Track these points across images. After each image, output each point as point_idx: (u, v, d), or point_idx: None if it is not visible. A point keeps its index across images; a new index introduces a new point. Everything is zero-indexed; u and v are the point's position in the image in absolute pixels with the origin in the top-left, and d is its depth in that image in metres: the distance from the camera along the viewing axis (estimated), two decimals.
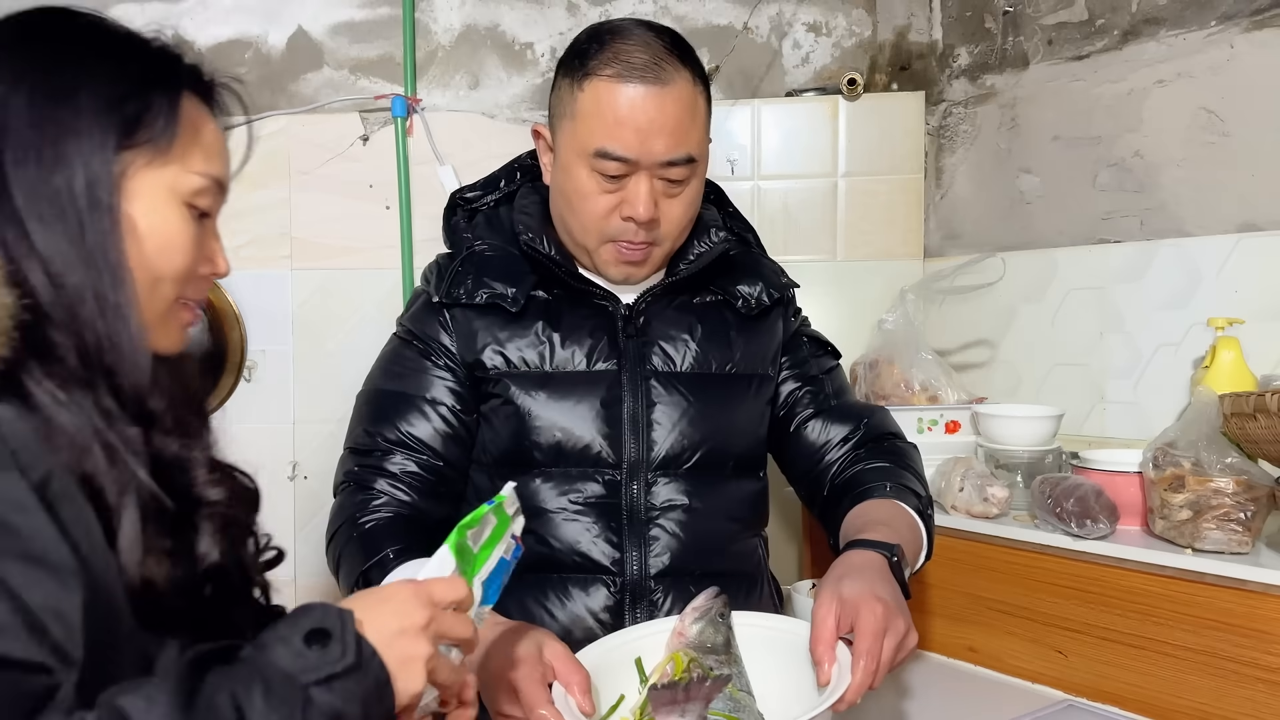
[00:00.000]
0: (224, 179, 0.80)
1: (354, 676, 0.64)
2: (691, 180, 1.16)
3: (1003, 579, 1.40)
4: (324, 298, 2.04)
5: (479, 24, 2.05)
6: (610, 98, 1.10)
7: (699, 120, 1.15)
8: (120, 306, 0.70)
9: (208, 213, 0.79)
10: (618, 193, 1.14)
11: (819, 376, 1.33)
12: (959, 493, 1.45)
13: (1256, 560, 1.17)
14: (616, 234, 1.16)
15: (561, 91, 1.16)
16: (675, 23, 2.07)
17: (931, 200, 2.03)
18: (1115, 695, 1.28)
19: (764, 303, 1.28)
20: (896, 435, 1.31)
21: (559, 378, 1.20)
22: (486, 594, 0.80)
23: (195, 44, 1.45)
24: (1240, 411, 1.19)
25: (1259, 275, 1.48)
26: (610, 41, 1.12)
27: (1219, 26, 1.55)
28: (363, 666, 0.64)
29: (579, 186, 1.14)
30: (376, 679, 0.65)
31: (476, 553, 0.80)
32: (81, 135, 0.71)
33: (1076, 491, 1.31)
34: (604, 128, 1.11)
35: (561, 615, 1.17)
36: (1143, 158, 1.66)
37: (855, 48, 2.08)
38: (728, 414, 1.24)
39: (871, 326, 1.82)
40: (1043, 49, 1.83)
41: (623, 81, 1.10)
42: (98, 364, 0.69)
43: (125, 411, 0.70)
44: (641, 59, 1.11)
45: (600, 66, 1.11)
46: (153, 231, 0.73)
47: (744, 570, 1.26)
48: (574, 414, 1.19)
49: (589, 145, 1.12)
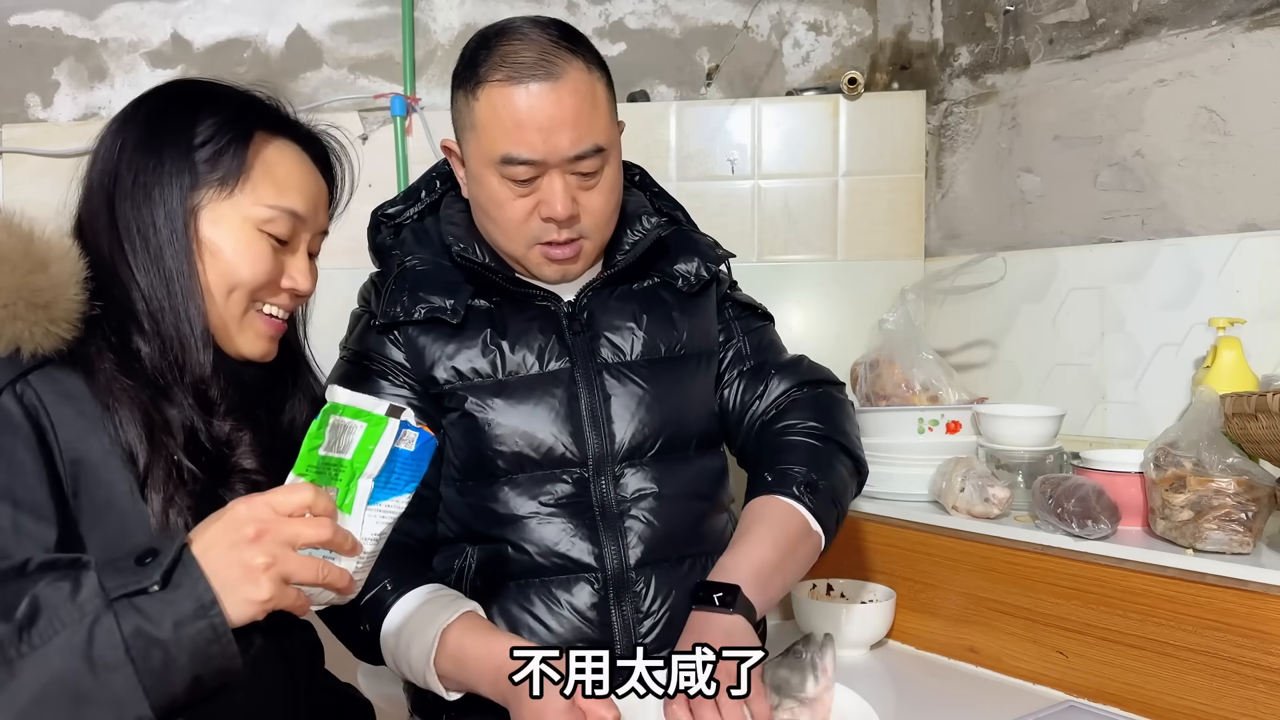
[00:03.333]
0: (298, 209, 0.94)
1: (164, 596, 0.68)
2: (605, 169, 1.14)
3: (1004, 579, 1.40)
4: (323, 297, 2.03)
5: (478, 23, 2.05)
6: (505, 102, 1.08)
7: (601, 108, 1.13)
8: (190, 316, 0.88)
9: (284, 238, 0.94)
10: (532, 195, 1.12)
11: (741, 337, 1.31)
12: (960, 493, 1.45)
13: (1258, 561, 1.17)
14: (540, 235, 1.15)
15: (459, 104, 1.14)
16: (675, 22, 2.07)
17: (932, 200, 2.02)
18: (1116, 696, 1.27)
19: (703, 278, 1.27)
20: (815, 382, 1.29)
21: (513, 384, 1.18)
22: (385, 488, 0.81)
23: (194, 44, 1.46)
24: (1241, 411, 1.18)
25: (1260, 275, 1.48)
26: (497, 45, 1.10)
27: (1220, 26, 1.55)
28: (175, 585, 0.69)
29: (493, 195, 1.13)
30: (199, 602, 0.69)
31: (350, 457, 0.80)
32: (163, 180, 0.90)
33: (1077, 492, 1.30)
34: (504, 133, 1.09)
35: (548, 618, 1.16)
36: (1144, 157, 1.65)
37: (856, 47, 2.08)
38: (683, 395, 1.24)
39: (872, 326, 1.81)
40: (1044, 48, 1.83)
41: (514, 84, 1.08)
42: (171, 358, 0.87)
43: (187, 398, 0.87)
44: (529, 56, 1.08)
45: (490, 72, 1.09)
46: (225, 250, 0.91)
47: (717, 548, 1.22)
48: (533, 417, 1.17)
49: (493, 153, 1.10)
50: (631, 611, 1.17)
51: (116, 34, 2.03)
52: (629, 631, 1.17)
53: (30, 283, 0.80)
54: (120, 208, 0.89)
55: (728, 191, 2.02)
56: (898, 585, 1.54)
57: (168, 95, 0.96)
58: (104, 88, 2.04)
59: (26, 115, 2.04)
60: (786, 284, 2.02)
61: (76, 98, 2.04)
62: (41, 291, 0.80)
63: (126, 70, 2.04)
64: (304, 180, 0.96)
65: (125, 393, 0.83)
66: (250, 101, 0.96)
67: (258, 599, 0.71)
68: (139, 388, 0.84)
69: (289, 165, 0.95)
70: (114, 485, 0.81)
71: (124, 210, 0.89)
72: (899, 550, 1.54)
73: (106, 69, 2.04)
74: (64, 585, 0.67)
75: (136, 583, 0.68)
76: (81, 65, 2.04)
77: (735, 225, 2.01)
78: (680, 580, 1.20)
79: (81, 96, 2.04)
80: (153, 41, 2.03)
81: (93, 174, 0.93)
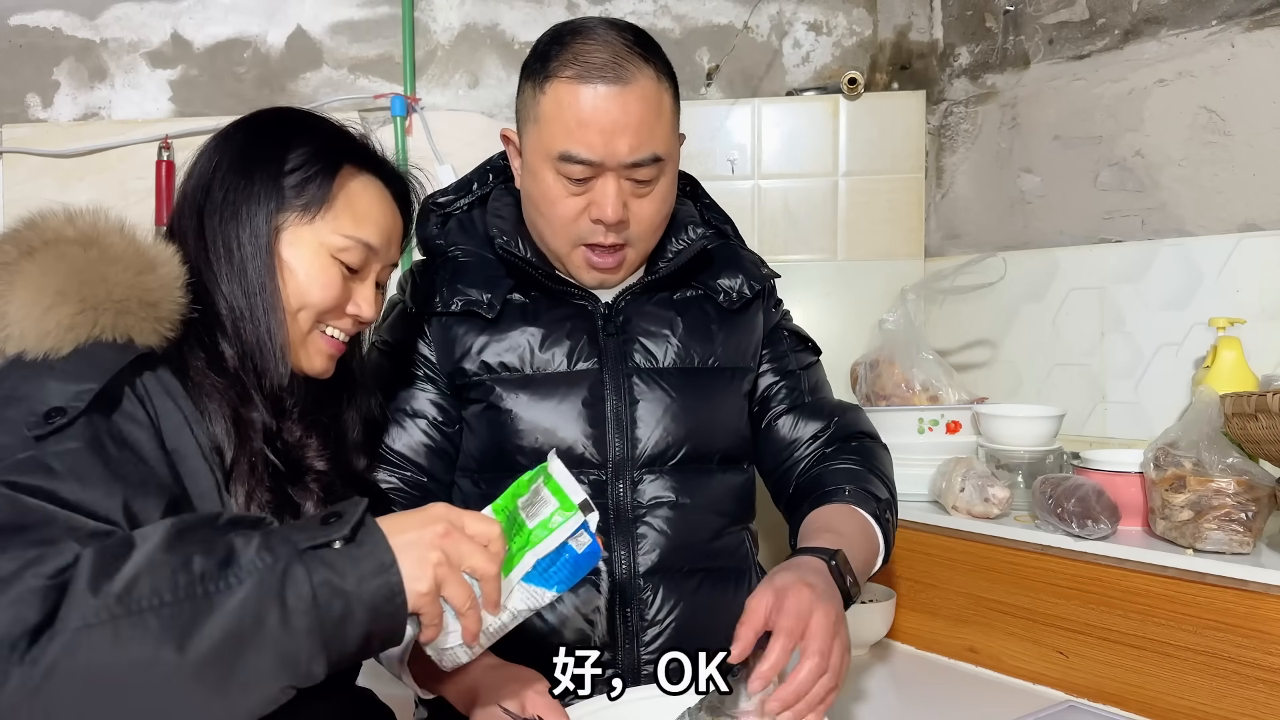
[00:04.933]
0: (373, 242, 0.99)
1: (349, 551, 0.71)
2: (660, 179, 1.14)
3: (1004, 579, 1.40)
4: None
5: (478, 23, 2.05)
6: (571, 99, 1.08)
7: (665, 118, 1.13)
8: (270, 329, 0.94)
9: (355, 268, 0.98)
10: (585, 195, 1.12)
11: (796, 372, 1.32)
12: (960, 493, 1.45)
13: (1258, 561, 1.16)
14: (586, 236, 1.15)
15: (525, 95, 1.14)
16: (675, 22, 2.07)
17: (932, 200, 2.02)
18: (1116, 696, 1.27)
19: (745, 295, 1.27)
20: (868, 434, 1.30)
21: (540, 379, 1.18)
22: (542, 574, 0.83)
23: (194, 44, 1.46)
24: (1241, 411, 1.18)
25: (1260, 275, 1.48)
26: (571, 42, 1.10)
27: (1220, 26, 1.55)
28: (360, 543, 0.72)
29: (546, 190, 1.13)
30: (380, 561, 0.72)
31: (532, 527, 0.83)
32: (251, 199, 0.95)
33: (1077, 492, 1.30)
34: (566, 130, 1.09)
35: (551, 617, 1.15)
36: (1144, 157, 1.65)
37: (856, 47, 2.08)
38: (711, 408, 1.23)
39: (872, 326, 1.81)
40: (1044, 48, 1.83)
41: (583, 82, 1.08)
42: (251, 364, 0.93)
43: (265, 401, 0.93)
44: (602, 58, 1.08)
45: (560, 68, 1.09)
46: (299, 271, 0.96)
47: (732, 564, 1.24)
48: (556, 415, 1.17)
49: (553, 149, 1.10)
50: (636, 619, 1.17)
51: (116, 34, 2.03)
52: (632, 638, 1.17)
53: (142, 282, 0.85)
54: (209, 221, 0.95)
55: (728, 191, 2.02)
56: (898, 585, 1.54)
57: (266, 120, 1.02)
58: (104, 88, 2.04)
59: (26, 115, 2.04)
60: (786, 284, 1.99)
61: (76, 98, 2.04)
62: (151, 291, 0.86)
63: (126, 70, 2.04)
64: (382, 215, 1.01)
65: (216, 390, 0.89)
66: (341, 135, 1.01)
67: (414, 587, 0.74)
68: (228, 386, 0.90)
69: (370, 200, 1.00)
70: (202, 478, 0.86)
71: (212, 224, 0.95)
72: (899, 550, 1.53)
73: (106, 69, 2.04)
74: (254, 536, 0.70)
75: (325, 535, 0.71)
76: (81, 65, 2.04)
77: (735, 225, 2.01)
78: (690, 594, 1.19)
79: (81, 96, 2.04)
80: (153, 41, 2.04)
81: (187, 186, 0.98)
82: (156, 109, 2.05)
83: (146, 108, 2.05)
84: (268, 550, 0.69)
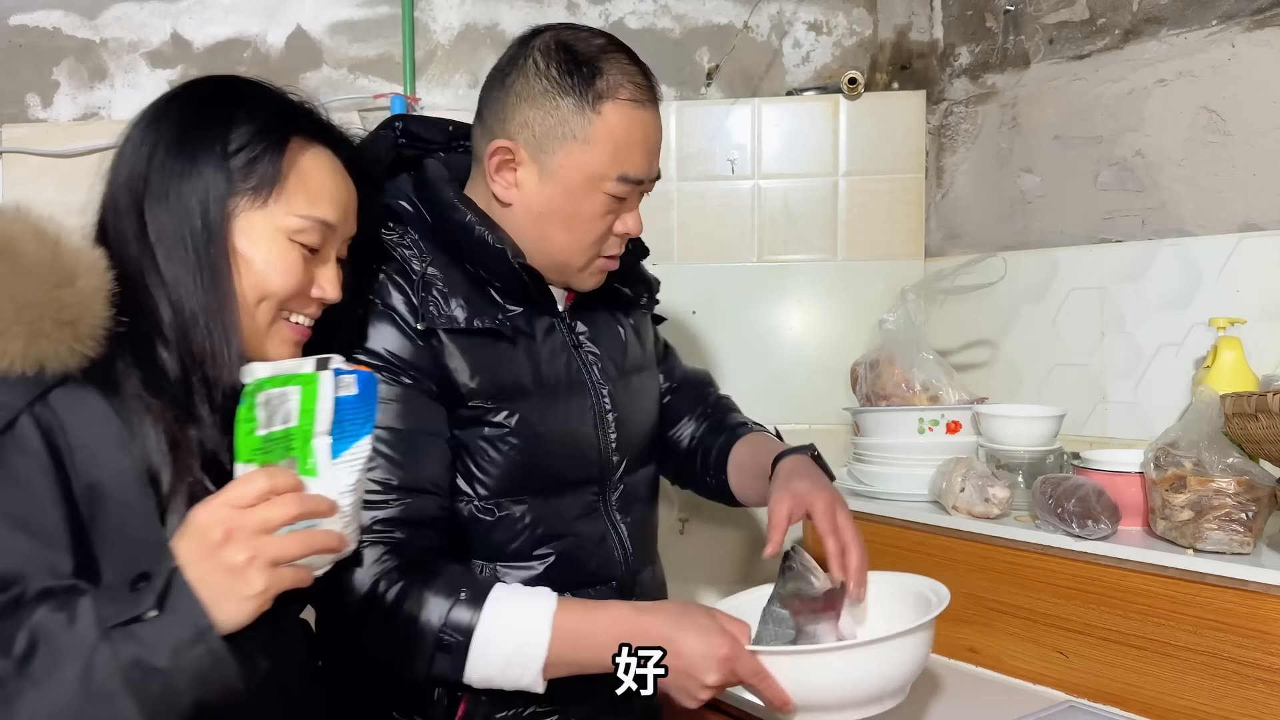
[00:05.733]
0: (330, 219, 0.91)
1: (161, 623, 0.68)
2: None
3: (1004, 579, 1.40)
4: None
5: (478, 23, 2.05)
6: (631, 122, 1.09)
7: None
8: (226, 328, 0.85)
9: (314, 248, 0.91)
10: (614, 212, 1.13)
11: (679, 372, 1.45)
12: (960, 493, 1.45)
13: (1258, 561, 1.17)
14: (606, 249, 1.16)
15: (564, 113, 1.08)
16: (675, 22, 2.07)
17: (932, 200, 2.02)
18: (1116, 696, 1.27)
19: (643, 295, 1.33)
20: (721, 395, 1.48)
21: (549, 395, 1.15)
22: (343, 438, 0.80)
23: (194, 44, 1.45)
24: (1242, 411, 1.18)
25: (1260, 275, 1.48)
26: (613, 61, 1.10)
27: (1220, 26, 1.55)
28: (171, 609, 0.68)
29: (586, 209, 1.11)
30: (195, 626, 0.68)
31: (297, 424, 0.78)
32: (197, 184, 0.86)
33: (1078, 492, 1.30)
34: (627, 152, 1.10)
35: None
36: (1144, 157, 1.65)
37: (856, 47, 2.08)
38: (648, 405, 1.31)
39: (872, 326, 1.81)
40: (1044, 48, 1.83)
41: (637, 105, 1.10)
42: (201, 375, 0.84)
43: (214, 415, 0.83)
44: (645, 80, 1.11)
45: (613, 89, 1.08)
46: (256, 261, 0.88)
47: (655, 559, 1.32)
48: (566, 426, 1.16)
49: (610, 170, 1.09)
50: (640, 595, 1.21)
51: (116, 34, 2.03)
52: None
53: (57, 298, 0.76)
54: (152, 213, 0.85)
55: (728, 191, 2.02)
56: None
57: (199, 94, 0.92)
58: (104, 88, 2.04)
59: (26, 115, 2.04)
60: (786, 284, 2.02)
61: (76, 98, 2.04)
62: (68, 308, 0.76)
63: (126, 70, 2.04)
64: (336, 188, 0.93)
65: (150, 412, 0.80)
66: (285, 105, 0.93)
67: (252, 593, 0.70)
68: (165, 407, 0.81)
69: (322, 173, 0.92)
70: (131, 508, 0.78)
71: (156, 215, 0.85)
72: (899, 550, 1.54)
73: (106, 69, 2.04)
74: (60, 615, 0.66)
75: (131, 610, 0.67)
76: (81, 65, 2.04)
77: (735, 225, 2.01)
78: (647, 587, 1.25)
79: (81, 96, 2.04)
80: (152, 41, 2.03)
81: (119, 175, 0.88)
82: None
83: None
84: (70, 633, 0.65)
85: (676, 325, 1.89)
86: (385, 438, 1.05)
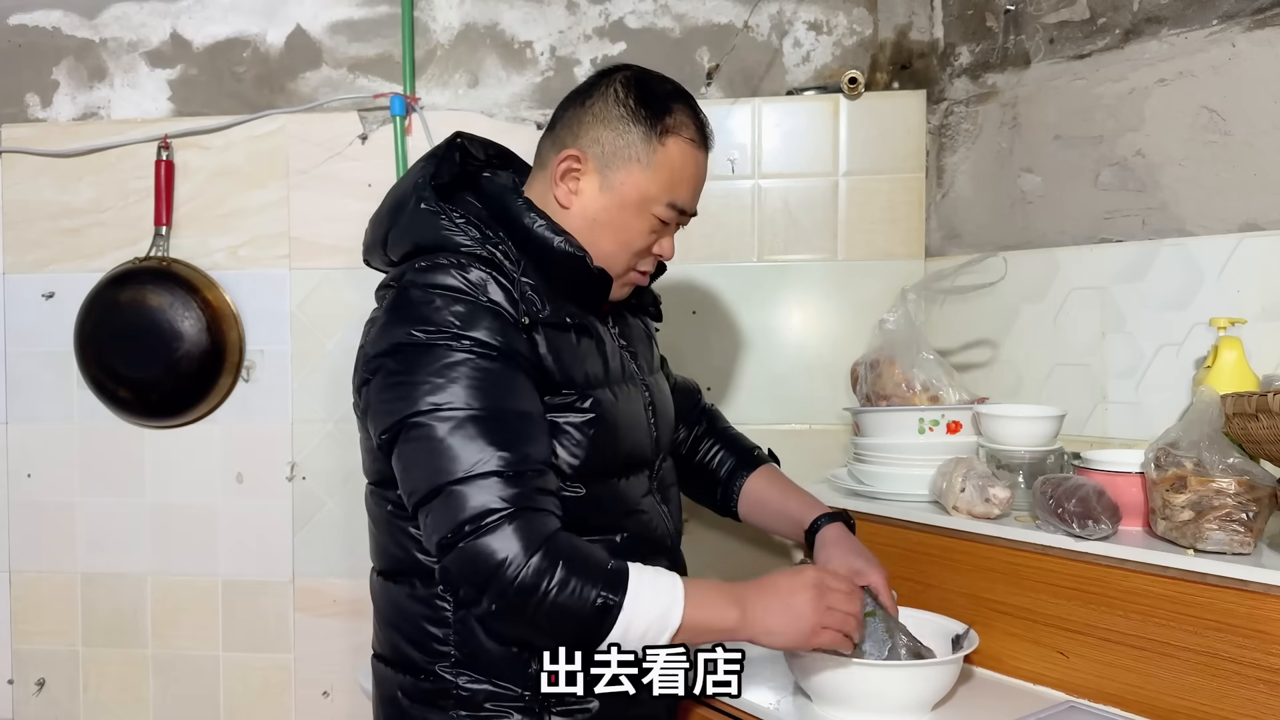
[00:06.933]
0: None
1: None
2: None
3: (1004, 580, 1.40)
4: (322, 297, 2.03)
5: (478, 23, 2.05)
6: (689, 159, 1.25)
7: None
8: None
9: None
10: (656, 234, 1.27)
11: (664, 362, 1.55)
12: (960, 493, 1.44)
13: (1258, 561, 1.16)
14: (641, 265, 1.31)
15: (634, 136, 1.23)
16: (675, 21, 2.06)
17: (933, 199, 2.02)
18: (1117, 696, 1.27)
19: (658, 304, 1.46)
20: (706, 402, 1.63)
21: (616, 385, 1.28)
22: None
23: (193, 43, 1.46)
24: (1242, 412, 1.18)
25: (1261, 275, 1.48)
26: (685, 104, 1.26)
27: (1220, 25, 1.55)
28: None
29: (636, 226, 1.25)
30: None
31: None
32: None
33: (1078, 492, 1.30)
34: (679, 184, 1.25)
35: None
36: (1144, 157, 1.65)
37: (856, 46, 2.08)
38: (670, 401, 1.45)
39: (872, 326, 1.81)
40: (1044, 48, 1.83)
41: (698, 147, 1.26)
42: None
43: None
44: (707, 130, 1.27)
45: (682, 128, 1.24)
46: None
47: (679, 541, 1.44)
48: (632, 417, 1.29)
49: (663, 197, 1.24)
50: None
51: (116, 34, 2.03)
52: None
53: None
54: None
55: (728, 191, 2.02)
56: (898, 585, 1.53)
57: None
58: (103, 87, 2.04)
59: (26, 115, 2.04)
60: (786, 284, 2.02)
61: (76, 98, 2.04)
62: None
63: (126, 70, 2.04)
64: None
65: None
66: None
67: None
68: None
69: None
70: None
71: None
72: (899, 550, 1.54)
73: (106, 69, 2.04)
74: None
75: None
76: (81, 65, 2.04)
77: (735, 225, 2.01)
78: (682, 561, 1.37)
79: (81, 96, 2.04)
80: (152, 41, 2.03)
81: None
82: (156, 109, 2.05)
83: (146, 107, 2.05)
84: None
85: (676, 325, 1.89)
86: (515, 417, 1.15)
